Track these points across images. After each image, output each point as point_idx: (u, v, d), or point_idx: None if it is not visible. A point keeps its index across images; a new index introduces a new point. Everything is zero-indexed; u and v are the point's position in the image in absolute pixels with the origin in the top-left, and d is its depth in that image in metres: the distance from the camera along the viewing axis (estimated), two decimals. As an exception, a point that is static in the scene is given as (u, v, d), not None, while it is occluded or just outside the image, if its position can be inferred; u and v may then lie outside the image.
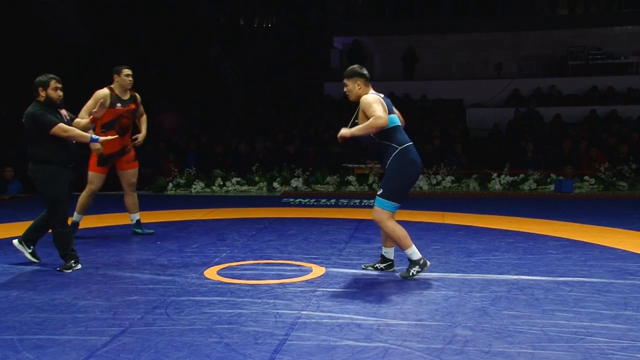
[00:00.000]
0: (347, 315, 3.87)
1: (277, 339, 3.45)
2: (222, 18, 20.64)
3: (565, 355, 3.20)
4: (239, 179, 11.46)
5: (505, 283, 4.62)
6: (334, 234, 6.72)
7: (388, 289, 4.52)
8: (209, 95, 16.72)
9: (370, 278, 4.85)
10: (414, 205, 8.58)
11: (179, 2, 18.49)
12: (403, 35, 17.46)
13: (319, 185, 11.28)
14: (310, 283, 4.67)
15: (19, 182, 10.64)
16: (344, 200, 9.80)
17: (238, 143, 12.98)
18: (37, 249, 5.49)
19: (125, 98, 6.41)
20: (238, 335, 3.52)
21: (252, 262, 5.42)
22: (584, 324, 3.66)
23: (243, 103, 16.58)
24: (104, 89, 6.31)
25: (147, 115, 6.78)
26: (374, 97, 4.72)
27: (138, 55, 15.86)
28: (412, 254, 4.77)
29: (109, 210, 8.13)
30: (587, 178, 11.03)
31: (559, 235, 6.56)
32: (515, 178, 11.09)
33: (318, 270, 5.05)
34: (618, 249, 5.84)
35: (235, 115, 15.58)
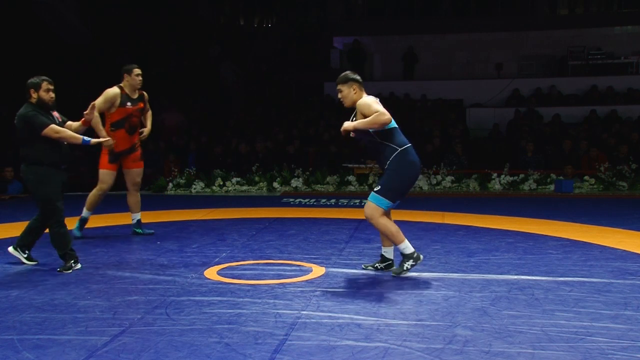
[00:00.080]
0: (347, 315, 3.86)
1: (277, 339, 3.45)
2: (222, 18, 20.66)
3: (565, 355, 3.20)
4: (239, 179, 11.46)
5: (505, 283, 4.62)
6: (334, 234, 6.72)
7: (388, 289, 4.52)
8: (209, 95, 16.73)
9: (370, 278, 4.85)
10: (414, 205, 8.58)
11: (179, 2, 18.49)
12: (403, 35, 17.46)
13: (319, 185, 11.28)
14: (310, 283, 4.67)
15: (19, 182, 10.62)
16: (344, 200, 9.80)
17: (238, 143, 12.99)
18: (36, 249, 5.49)
19: (135, 97, 6.44)
20: (238, 335, 3.52)
21: (252, 262, 5.42)
22: (584, 324, 3.66)
23: (243, 103, 16.59)
24: (115, 88, 6.33)
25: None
26: (372, 98, 4.78)
27: (138, 55, 15.84)
28: (405, 248, 4.83)
29: (109, 210, 8.13)
30: (587, 178, 11.04)
31: (559, 235, 6.56)
32: (515, 178, 11.09)
33: (318, 270, 5.05)
34: (618, 249, 5.84)
35: (235, 115, 15.58)
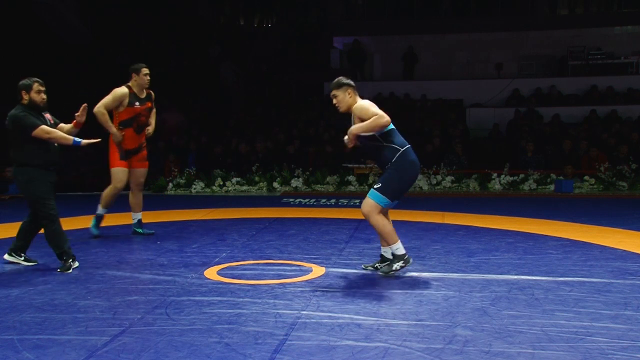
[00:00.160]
0: (347, 315, 3.87)
1: (277, 339, 3.45)
2: (222, 18, 20.65)
3: (565, 355, 3.20)
4: (239, 179, 11.47)
5: (505, 283, 4.62)
6: (334, 234, 6.72)
7: (388, 289, 4.52)
8: (209, 95, 16.72)
9: (370, 278, 4.85)
10: (414, 205, 8.59)
11: (179, 2, 18.48)
12: (403, 35, 17.45)
13: (319, 185, 11.28)
14: (310, 283, 4.67)
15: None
16: (344, 200, 9.80)
17: (238, 143, 12.98)
18: (36, 249, 5.49)
19: (143, 96, 6.47)
20: (238, 335, 3.52)
21: (252, 262, 5.42)
22: (584, 324, 3.66)
23: (243, 103, 16.58)
24: (123, 88, 6.36)
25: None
26: (368, 101, 4.80)
27: (138, 55, 15.83)
28: (397, 249, 4.85)
29: (109, 210, 8.10)
30: (587, 178, 11.03)
31: (559, 235, 6.56)
32: (515, 178, 11.09)
33: (318, 270, 5.05)
34: (618, 249, 5.84)
35: (235, 115, 15.58)
